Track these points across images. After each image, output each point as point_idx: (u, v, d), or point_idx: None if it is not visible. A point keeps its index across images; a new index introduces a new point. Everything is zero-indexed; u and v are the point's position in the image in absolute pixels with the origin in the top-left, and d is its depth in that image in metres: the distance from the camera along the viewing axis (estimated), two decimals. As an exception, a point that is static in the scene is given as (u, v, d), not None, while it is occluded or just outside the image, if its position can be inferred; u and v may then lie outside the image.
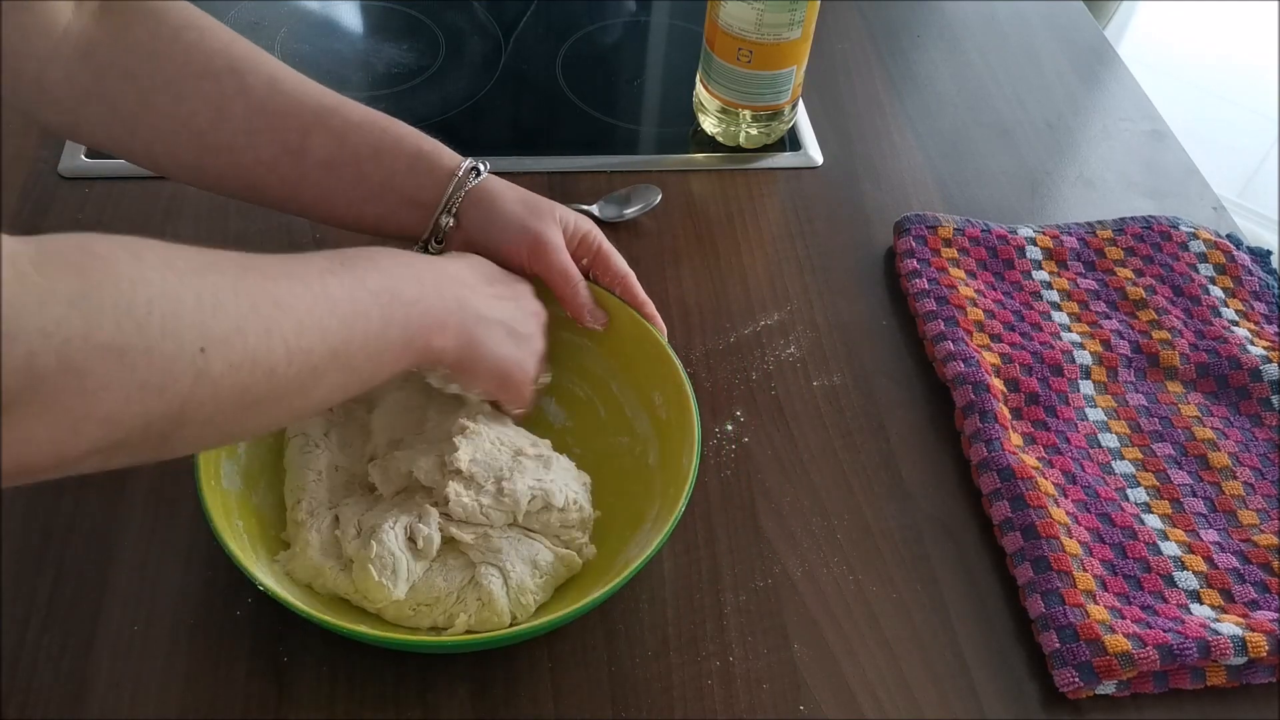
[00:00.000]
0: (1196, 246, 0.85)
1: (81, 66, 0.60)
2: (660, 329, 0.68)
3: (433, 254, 0.67)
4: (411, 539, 0.59)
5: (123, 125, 0.62)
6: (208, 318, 0.44)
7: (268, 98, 0.63)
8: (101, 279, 0.41)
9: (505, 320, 0.60)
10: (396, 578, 0.58)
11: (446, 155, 0.66)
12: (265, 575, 0.56)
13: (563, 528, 0.61)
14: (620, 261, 0.69)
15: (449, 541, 0.60)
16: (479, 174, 0.66)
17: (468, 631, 0.59)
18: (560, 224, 0.66)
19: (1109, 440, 0.73)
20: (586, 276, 0.68)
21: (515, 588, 0.59)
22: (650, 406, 0.67)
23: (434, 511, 0.59)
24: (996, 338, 0.77)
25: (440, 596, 0.59)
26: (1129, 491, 0.70)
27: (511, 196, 0.67)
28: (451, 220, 0.66)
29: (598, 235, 0.68)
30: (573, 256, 0.67)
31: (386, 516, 0.59)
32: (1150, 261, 0.84)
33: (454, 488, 0.59)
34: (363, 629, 0.56)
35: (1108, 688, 0.61)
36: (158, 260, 0.43)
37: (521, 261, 0.65)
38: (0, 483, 0.40)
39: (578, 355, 0.70)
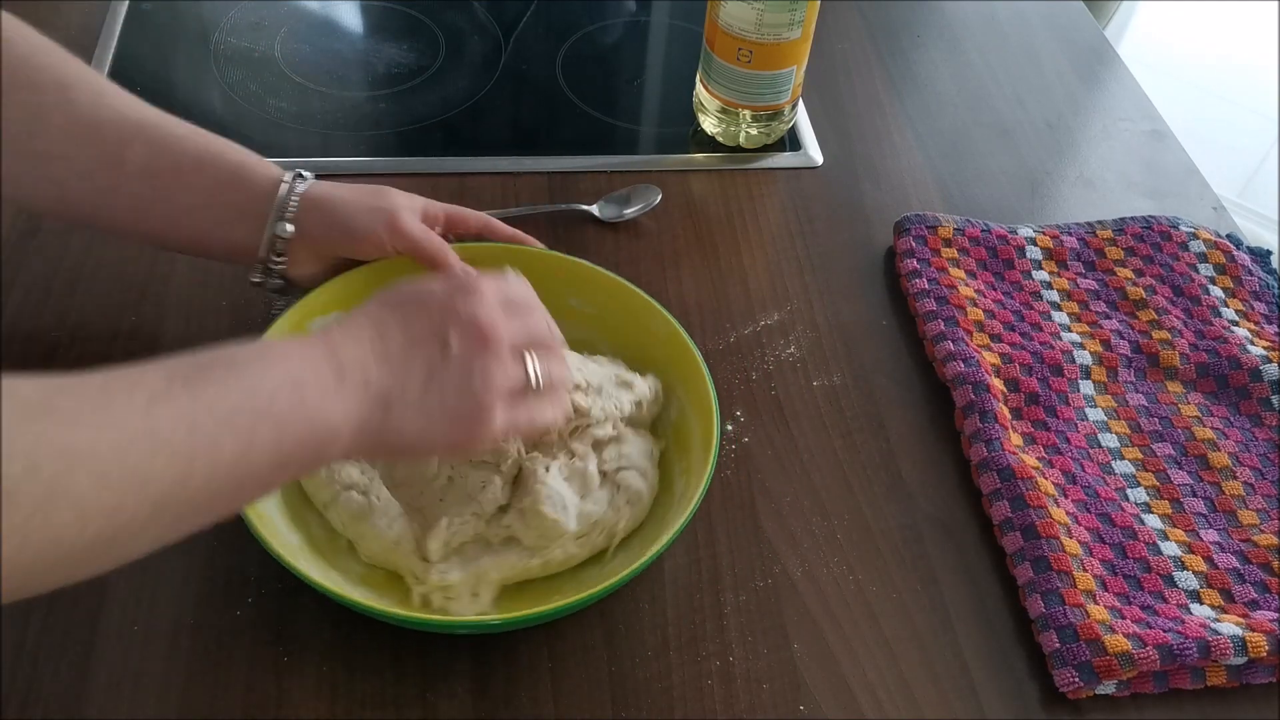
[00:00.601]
0: (1196, 246, 0.85)
1: None
2: (534, 244, 0.72)
3: (275, 273, 0.66)
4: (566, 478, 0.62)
5: None
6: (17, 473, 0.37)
7: (90, 110, 0.62)
8: None
9: (422, 380, 0.51)
10: (567, 513, 0.61)
11: (270, 166, 0.66)
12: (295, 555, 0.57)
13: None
14: (468, 211, 0.71)
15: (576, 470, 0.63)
16: (304, 179, 0.66)
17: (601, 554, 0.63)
18: (401, 199, 0.67)
19: (1109, 440, 0.73)
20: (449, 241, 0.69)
21: (651, 483, 0.64)
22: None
23: (588, 449, 0.63)
24: (996, 338, 0.77)
25: (598, 518, 0.62)
26: (1129, 491, 0.70)
27: (345, 190, 0.67)
28: (290, 227, 0.65)
29: (435, 203, 0.70)
30: None
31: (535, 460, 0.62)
32: (1150, 261, 0.84)
33: (578, 396, 0.63)
34: (380, 607, 0.57)
35: (1108, 688, 0.61)
36: None
37: (381, 243, 0.65)
38: None
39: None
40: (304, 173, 0.66)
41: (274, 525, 0.59)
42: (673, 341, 0.67)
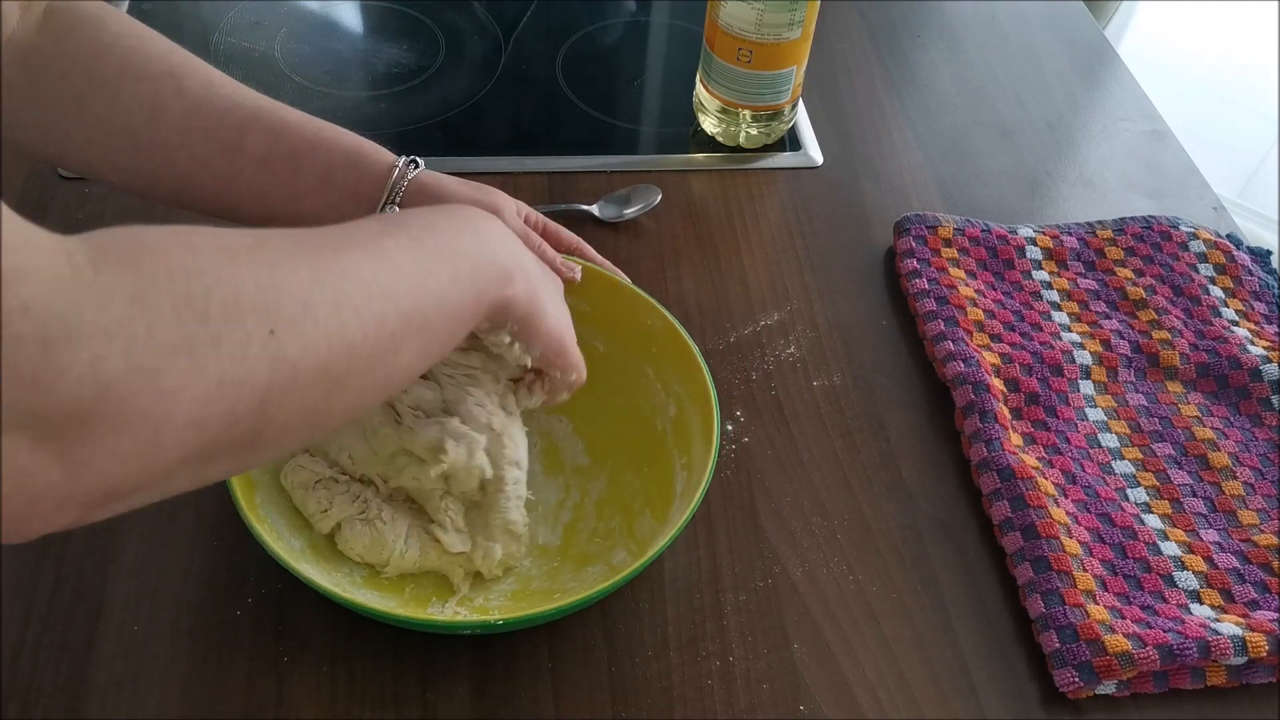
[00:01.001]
0: (1196, 246, 0.85)
1: (20, 71, 0.60)
2: (621, 275, 0.71)
3: None
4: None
5: (57, 127, 0.62)
6: (271, 298, 0.42)
7: (204, 99, 0.63)
8: (155, 272, 0.38)
9: (546, 278, 0.59)
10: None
11: (383, 151, 0.67)
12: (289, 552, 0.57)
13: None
14: (568, 232, 0.72)
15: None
16: (417, 166, 0.67)
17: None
18: (504, 197, 0.68)
19: (1109, 440, 0.73)
20: None
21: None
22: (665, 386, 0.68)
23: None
24: (996, 338, 0.77)
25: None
26: (1129, 491, 0.70)
27: (453, 181, 0.68)
28: (396, 210, 0.66)
29: (536, 212, 0.72)
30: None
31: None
32: (1150, 261, 0.84)
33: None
34: (366, 602, 0.57)
35: (1108, 688, 0.61)
36: (210, 246, 0.41)
37: None
38: (98, 513, 0.39)
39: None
40: (418, 159, 0.67)
41: (276, 528, 0.59)
42: (672, 339, 0.67)
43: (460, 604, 0.62)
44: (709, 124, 0.93)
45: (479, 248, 0.53)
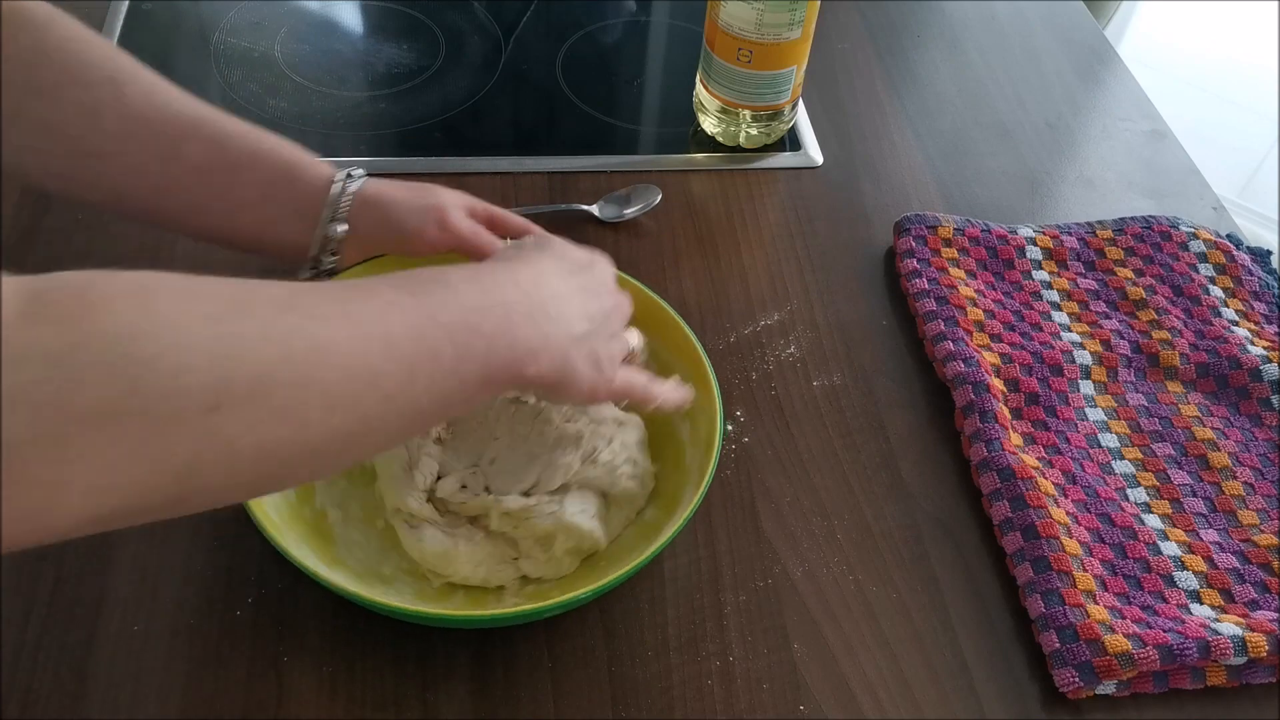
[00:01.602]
0: (1196, 246, 0.85)
1: None
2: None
3: (325, 269, 0.66)
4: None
5: None
6: (222, 372, 0.39)
7: (144, 106, 0.62)
8: (93, 330, 0.36)
9: (597, 327, 0.56)
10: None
11: (323, 165, 0.66)
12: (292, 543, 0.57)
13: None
14: (515, 216, 0.70)
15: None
16: (353, 179, 0.66)
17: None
18: (449, 197, 0.67)
19: (1109, 440, 0.73)
20: None
21: (644, 472, 0.65)
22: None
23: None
24: (996, 338, 0.77)
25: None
26: (1129, 491, 0.70)
27: (395, 187, 0.67)
28: (343, 228, 0.65)
29: (481, 203, 0.70)
30: None
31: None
32: (1150, 261, 0.84)
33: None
34: (366, 595, 0.57)
35: (1108, 688, 0.61)
36: (171, 305, 0.39)
37: (432, 238, 0.65)
38: None
39: None
40: (354, 171, 0.66)
41: (279, 524, 0.59)
42: (676, 337, 0.67)
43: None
44: (709, 124, 0.93)
45: (502, 327, 0.50)
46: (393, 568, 0.62)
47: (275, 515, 0.58)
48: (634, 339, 0.63)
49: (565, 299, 0.55)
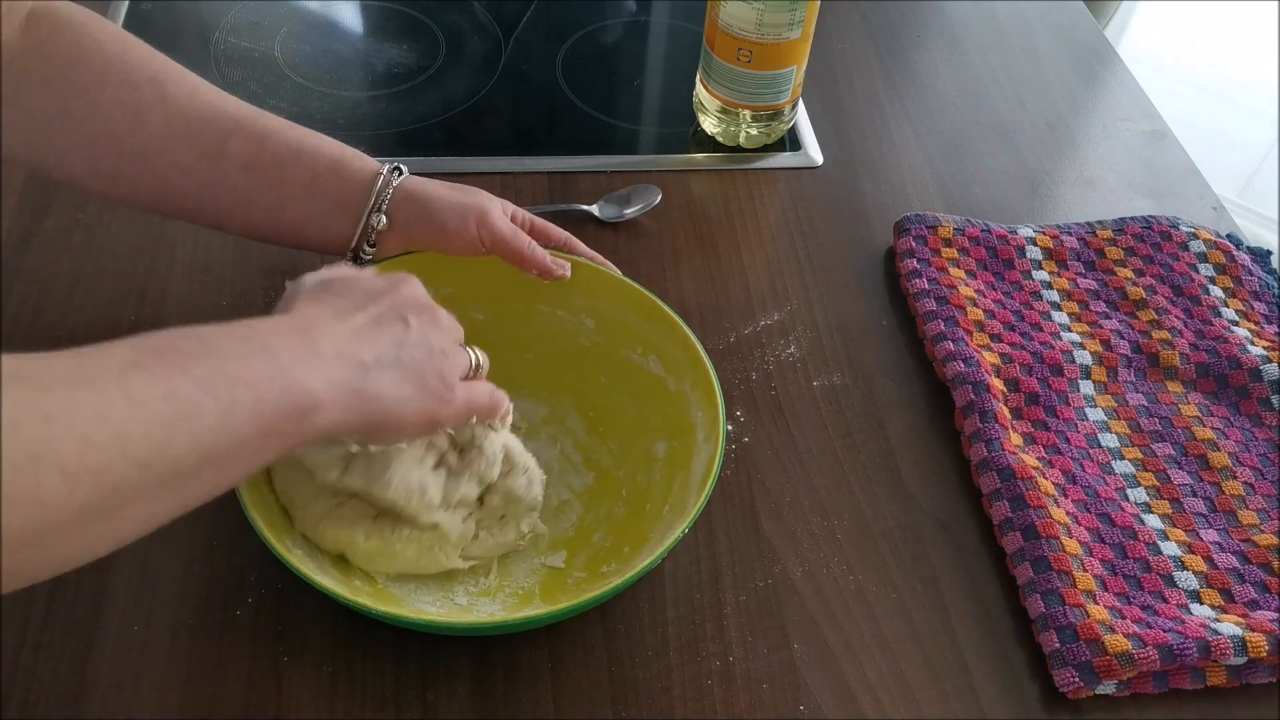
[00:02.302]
0: (1196, 246, 0.85)
1: (3, 75, 0.60)
2: (612, 269, 0.70)
3: (362, 262, 0.67)
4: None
5: (40, 133, 0.62)
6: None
7: (187, 105, 0.63)
8: None
9: (394, 349, 0.52)
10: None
11: (367, 159, 0.67)
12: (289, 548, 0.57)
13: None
14: (556, 228, 0.71)
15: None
16: (401, 174, 0.67)
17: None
18: (491, 199, 0.68)
19: (1109, 440, 0.73)
20: None
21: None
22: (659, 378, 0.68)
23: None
24: (996, 338, 0.77)
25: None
26: (1129, 491, 0.70)
27: (438, 185, 0.68)
28: (384, 219, 0.66)
29: (523, 211, 0.71)
30: None
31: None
32: (1150, 261, 0.84)
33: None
34: (367, 603, 0.56)
35: (1108, 688, 0.61)
36: None
37: (471, 237, 0.66)
38: None
39: (575, 334, 0.71)
40: (401, 166, 0.67)
41: (279, 526, 0.59)
42: (672, 332, 0.67)
43: (482, 594, 0.62)
44: (709, 124, 0.93)
45: (268, 374, 0.45)
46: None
47: (273, 517, 0.59)
48: (476, 354, 0.59)
49: (346, 336, 0.51)
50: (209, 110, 0.63)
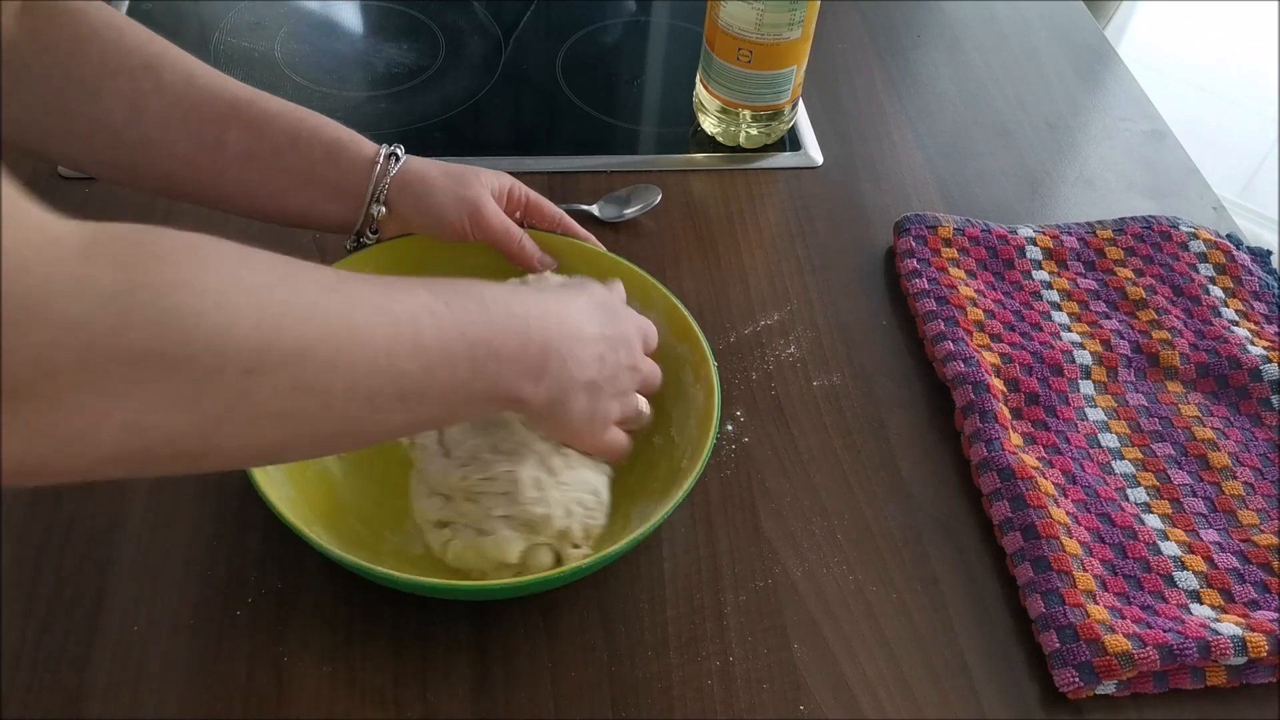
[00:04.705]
0: (1196, 246, 0.85)
1: (3, 69, 0.60)
2: (597, 245, 0.73)
3: (367, 244, 0.69)
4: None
5: (38, 124, 0.62)
6: (265, 338, 0.41)
7: (184, 93, 0.63)
8: (148, 280, 0.38)
9: (605, 380, 0.58)
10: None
11: (365, 143, 0.67)
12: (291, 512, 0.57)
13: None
14: (550, 205, 0.72)
15: None
16: (398, 159, 0.67)
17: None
18: (486, 186, 0.69)
19: (1109, 440, 0.73)
20: (522, 227, 0.71)
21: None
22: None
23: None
24: (996, 338, 0.77)
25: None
26: (1129, 491, 0.70)
27: (436, 172, 0.68)
28: (383, 209, 0.67)
29: (521, 187, 0.72)
30: (506, 212, 0.70)
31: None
32: (1150, 261, 0.84)
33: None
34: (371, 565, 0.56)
35: (1108, 688, 0.61)
36: (225, 269, 0.41)
37: (464, 231, 0.68)
38: (16, 482, 0.37)
39: None
40: (398, 151, 0.68)
41: (286, 494, 0.59)
42: (675, 317, 0.68)
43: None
44: (709, 124, 0.93)
45: (517, 354, 0.52)
46: (393, 528, 0.63)
47: (275, 473, 0.59)
48: (644, 406, 0.63)
49: (584, 342, 0.56)
50: (205, 97, 0.63)
